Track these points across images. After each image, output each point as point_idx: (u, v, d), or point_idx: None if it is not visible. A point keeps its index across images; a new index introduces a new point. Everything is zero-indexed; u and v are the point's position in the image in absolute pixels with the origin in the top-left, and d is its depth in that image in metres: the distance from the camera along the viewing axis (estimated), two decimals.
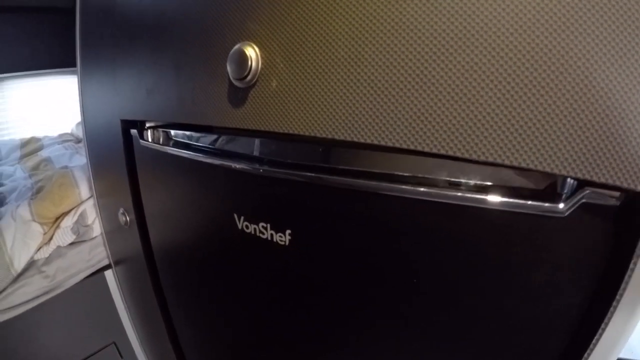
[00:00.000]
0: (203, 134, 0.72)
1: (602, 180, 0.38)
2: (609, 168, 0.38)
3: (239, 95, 0.56)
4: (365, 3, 0.45)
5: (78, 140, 2.54)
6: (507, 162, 0.41)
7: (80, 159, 2.02)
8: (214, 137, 0.70)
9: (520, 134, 0.40)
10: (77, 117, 1.18)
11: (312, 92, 0.49)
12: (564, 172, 0.39)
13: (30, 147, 2.42)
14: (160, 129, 0.83)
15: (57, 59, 2.95)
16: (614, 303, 0.41)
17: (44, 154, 2.25)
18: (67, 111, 3.04)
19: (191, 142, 0.75)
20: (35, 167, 2.01)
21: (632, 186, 0.37)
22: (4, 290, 1.28)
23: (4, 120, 2.93)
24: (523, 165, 0.40)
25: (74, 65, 1.12)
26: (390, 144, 0.45)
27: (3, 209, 1.46)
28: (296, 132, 0.51)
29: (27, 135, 2.61)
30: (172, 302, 1.06)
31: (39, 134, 2.66)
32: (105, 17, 0.88)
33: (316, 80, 0.48)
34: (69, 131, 2.75)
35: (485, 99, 0.40)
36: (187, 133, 0.75)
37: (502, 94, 0.40)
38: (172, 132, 0.80)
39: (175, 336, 1.12)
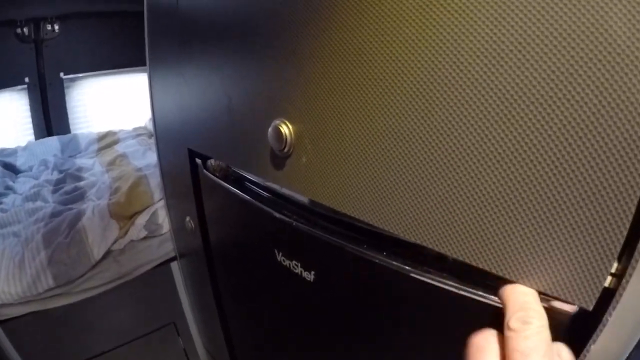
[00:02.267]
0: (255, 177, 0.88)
1: (555, 294, 0.42)
2: (564, 284, 0.41)
3: (277, 160, 0.71)
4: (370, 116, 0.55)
5: (150, 135, 2.76)
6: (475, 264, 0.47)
7: (152, 156, 2.24)
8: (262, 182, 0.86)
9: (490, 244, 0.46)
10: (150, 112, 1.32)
11: (330, 171, 0.62)
12: (520, 281, 0.44)
13: (106, 140, 2.68)
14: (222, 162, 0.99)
15: (132, 59, 3.21)
16: None
17: (119, 149, 2.49)
18: (141, 106, 3.26)
19: (246, 178, 0.91)
20: (112, 162, 2.25)
21: (583, 304, 0.41)
22: (84, 274, 1.52)
23: (83, 115, 3.22)
24: (487, 268, 0.47)
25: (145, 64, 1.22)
26: (387, 229, 0.57)
27: (85, 205, 1.70)
28: (318, 200, 0.65)
29: (104, 129, 2.87)
30: (224, 296, 1.23)
31: (115, 127, 2.92)
32: (169, 24, 1.01)
33: (334, 162, 0.61)
34: (143, 124, 2.99)
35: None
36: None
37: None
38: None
39: (225, 323, 1.28)
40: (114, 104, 3.34)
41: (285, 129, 0.66)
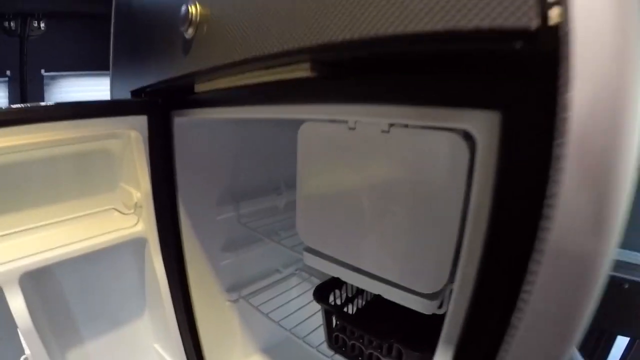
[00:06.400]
0: None
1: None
2: None
3: (187, 45, 0.73)
4: None
5: None
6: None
7: None
8: None
9: None
10: None
11: (226, 29, 0.63)
12: None
13: None
14: None
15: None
16: None
17: None
18: None
19: None
20: None
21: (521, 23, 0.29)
22: None
23: None
24: None
25: None
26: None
27: None
28: (219, 63, 0.66)
29: None
30: None
31: None
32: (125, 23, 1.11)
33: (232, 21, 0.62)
34: None
35: None
36: None
37: None
38: None
39: None
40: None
41: (193, 9, 0.69)
